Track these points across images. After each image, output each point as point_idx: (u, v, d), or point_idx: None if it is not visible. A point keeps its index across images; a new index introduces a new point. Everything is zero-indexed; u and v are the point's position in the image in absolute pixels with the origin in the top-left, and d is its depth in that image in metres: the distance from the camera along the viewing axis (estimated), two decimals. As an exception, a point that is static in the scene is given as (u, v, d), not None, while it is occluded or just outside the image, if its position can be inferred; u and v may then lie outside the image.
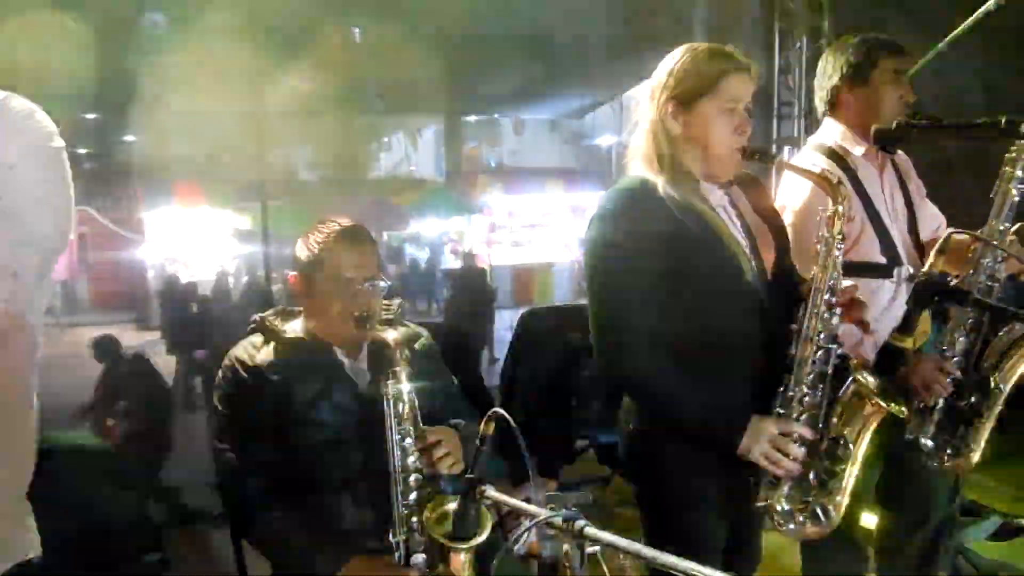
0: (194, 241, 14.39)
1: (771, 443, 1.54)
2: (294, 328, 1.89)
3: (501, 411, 1.44)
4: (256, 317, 1.93)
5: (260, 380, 1.79)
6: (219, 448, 1.79)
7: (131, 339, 10.42)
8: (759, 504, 1.60)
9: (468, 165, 20.44)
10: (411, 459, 1.69)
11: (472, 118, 21.22)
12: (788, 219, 1.90)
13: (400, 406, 1.70)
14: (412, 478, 1.68)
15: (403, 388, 1.70)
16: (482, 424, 1.42)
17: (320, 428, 1.79)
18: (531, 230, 17.42)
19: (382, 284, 1.86)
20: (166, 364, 8.95)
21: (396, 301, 2.02)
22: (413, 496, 1.68)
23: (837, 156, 2.05)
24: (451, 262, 16.79)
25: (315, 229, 1.87)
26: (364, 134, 19.25)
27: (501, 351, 10.52)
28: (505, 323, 12.12)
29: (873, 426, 1.60)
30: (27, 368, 1.14)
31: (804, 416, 1.57)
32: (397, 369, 1.71)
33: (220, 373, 1.85)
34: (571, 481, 3.10)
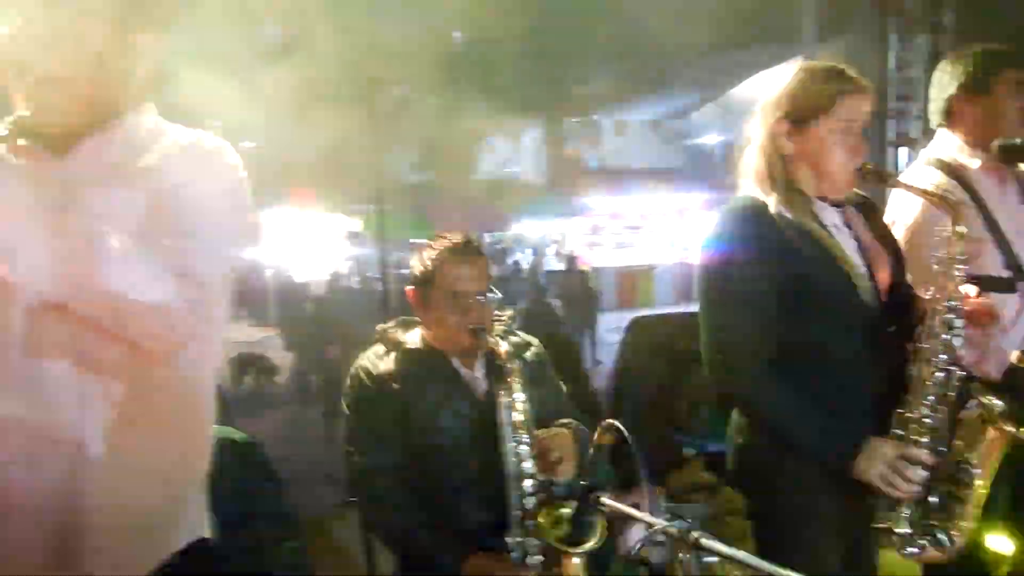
0: (307, 242, 15.05)
1: (889, 466, 1.52)
2: (414, 338, 2.01)
3: (615, 422, 1.51)
4: (379, 328, 2.07)
5: (384, 388, 1.92)
6: (348, 450, 1.93)
7: (248, 335, 11.05)
8: (878, 526, 1.58)
9: (570, 167, 20.47)
10: (526, 464, 1.77)
11: (573, 119, 21.24)
12: (900, 234, 1.87)
13: (514, 413, 1.79)
14: (527, 483, 1.77)
15: (517, 396, 1.79)
16: (597, 434, 1.49)
17: (439, 433, 1.90)
18: (634, 231, 17.25)
19: (494, 296, 1.96)
20: (282, 359, 9.48)
21: (508, 312, 2.12)
22: (529, 500, 1.76)
23: (953, 170, 2.00)
24: (554, 264, 16.86)
25: (429, 244, 1.98)
26: (467, 137, 19.60)
27: (604, 353, 10.57)
28: (608, 325, 12.12)
29: (999, 450, 1.56)
30: (209, 367, 1.29)
31: (924, 439, 1.54)
32: (510, 379, 1.80)
33: (348, 381, 1.99)
34: (678, 490, 3.12)
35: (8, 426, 1.08)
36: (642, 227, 17.49)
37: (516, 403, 1.78)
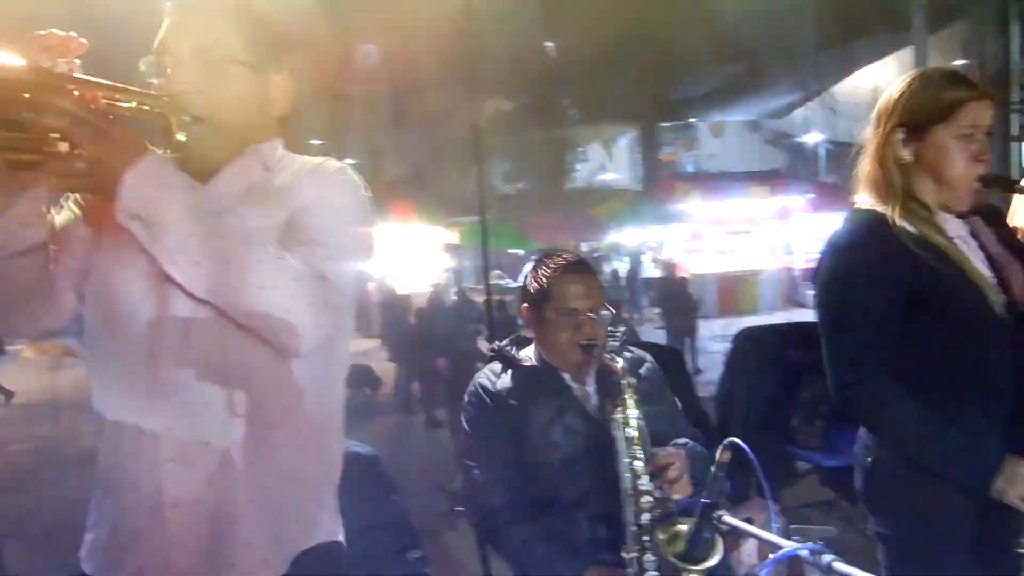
0: (408, 255, 15.46)
1: None
2: (528, 355, 2.06)
3: (737, 441, 1.50)
4: (495, 346, 2.13)
5: (501, 405, 1.97)
6: (467, 465, 1.99)
7: (353, 346, 11.39)
8: (1020, 551, 1.51)
9: (665, 171, 20.22)
10: (642, 480, 1.78)
11: (668, 124, 20.99)
12: None
13: (629, 430, 1.80)
14: (643, 499, 1.77)
15: (631, 413, 1.80)
16: (718, 452, 1.49)
17: (555, 448, 1.93)
18: (735, 236, 16.81)
19: (606, 313, 1.98)
20: (386, 370, 9.75)
21: (621, 328, 2.14)
22: (645, 516, 1.76)
23: None
24: (651, 272, 16.67)
25: (543, 262, 2.03)
26: (560, 146, 19.69)
27: (704, 361, 10.37)
28: (710, 333, 11.88)
29: None
30: (340, 373, 1.38)
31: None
32: (626, 396, 1.81)
33: (466, 398, 2.05)
34: (793, 505, 3.04)
35: (161, 432, 1.18)
36: (743, 231, 17.01)
37: (631, 419, 1.79)
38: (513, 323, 6.54)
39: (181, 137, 1.16)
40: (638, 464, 1.78)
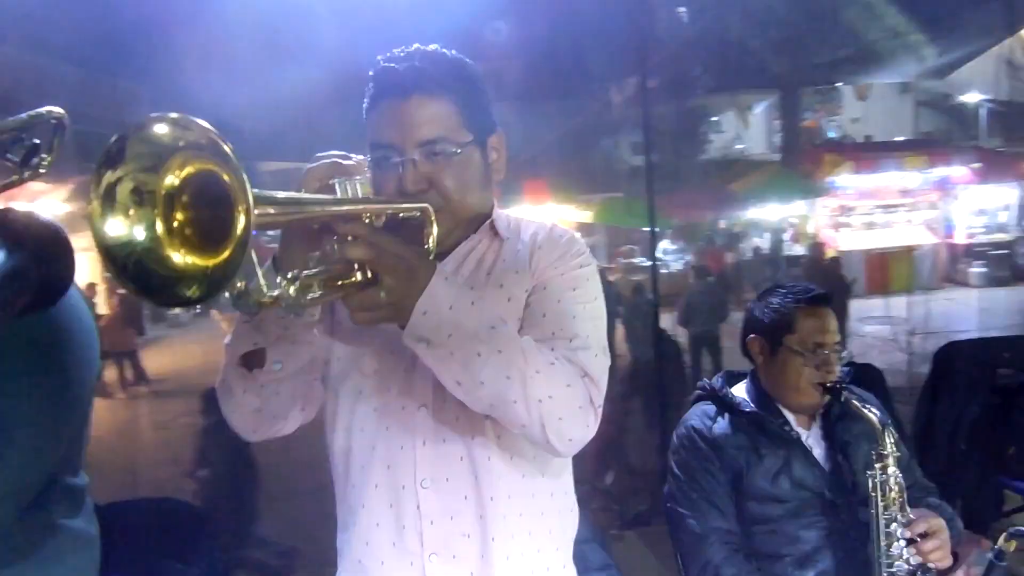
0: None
1: None
2: (744, 393, 1.93)
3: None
4: (706, 384, 2.00)
5: (720, 452, 1.83)
6: (680, 513, 1.88)
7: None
8: None
9: (806, 139, 19.15)
10: (896, 546, 1.63)
11: (809, 89, 19.82)
12: None
13: (887, 490, 1.65)
14: (896, 566, 1.63)
15: (892, 472, 1.64)
16: (1002, 539, 1.34)
17: (779, 503, 1.80)
18: (887, 211, 15.69)
19: (846, 353, 1.83)
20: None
21: (847, 367, 1.97)
22: (900, 583, 1.62)
23: None
24: (792, 248, 15.86)
25: (777, 291, 1.91)
26: (693, 116, 19.00)
27: (854, 344, 9.76)
28: (858, 314, 11.19)
29: None
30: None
31: None
32: (885, 452, 1.66)
33: (676, 440, 1.94)
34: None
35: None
36: (898, 205, 15.83)
37: (891, 478, 1.63)
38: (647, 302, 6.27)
39: (433, 231, 1.10)
40: (894, 527, 1.63)
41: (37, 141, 1.01)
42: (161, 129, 0.76)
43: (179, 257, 0.76)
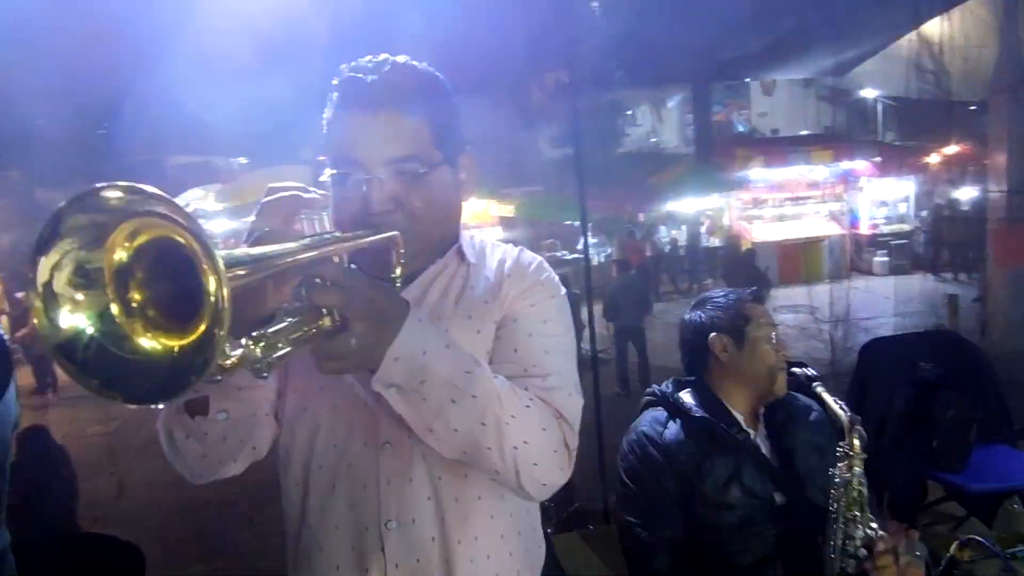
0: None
1: None
2: (692, 399, 1.92)
3: (978, 538, 1.36)
4: (656, 390, 1.99)
5: (670, 459, 1.81)
6: (628, 521, 1.85)
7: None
8: None
9: (718, 133, 19.64)
10: (851, 544, 1.64)
11: (721, 84, 20.33)
12: None
13: (850, 489, 1.65)
14: (848, 563, 1.63)
15: (857, 472, 1.65)
16: (954, 548, 1.36)
17: (730, 510, 1.78)
18: (795, 202, 16.31)
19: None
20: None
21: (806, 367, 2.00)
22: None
23: None
24: (709, 241, 16.26)
25: (712, 297, 1.97)
26: (609, 110, 19.21)
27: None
28: (772, 304, 11.58)
29: None
30: None
31: None
32: (852, 452, 1.66)
33: (626, 446, 1.91)
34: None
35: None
36: (805, 197, 16.49)
37: (854, 479, 1.64)
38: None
39: (400, 259, 1.04)
40: (859, 532, 1.64)
41: None
42: (102, 198, 0.64)
43: (147, 342, 0.65)
